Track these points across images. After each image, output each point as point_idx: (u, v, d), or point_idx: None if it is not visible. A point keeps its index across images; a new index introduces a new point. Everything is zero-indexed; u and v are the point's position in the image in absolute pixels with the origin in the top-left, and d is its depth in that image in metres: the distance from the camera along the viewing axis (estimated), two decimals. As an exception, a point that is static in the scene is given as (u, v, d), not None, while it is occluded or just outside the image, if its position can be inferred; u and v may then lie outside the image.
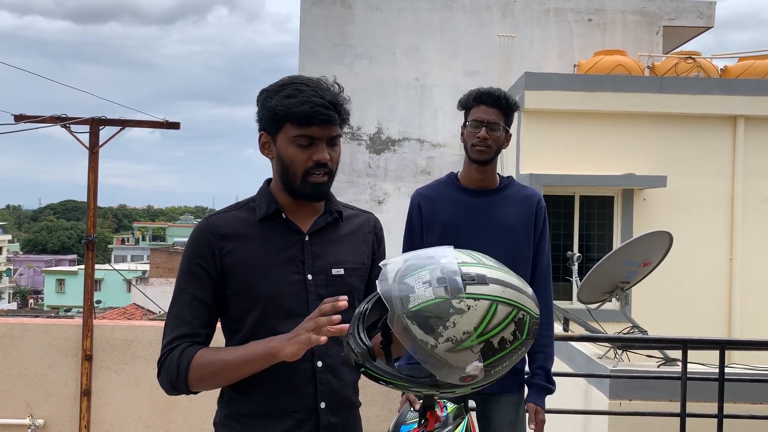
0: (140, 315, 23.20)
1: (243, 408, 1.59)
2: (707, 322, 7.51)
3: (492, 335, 1.27)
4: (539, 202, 2.47)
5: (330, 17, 10.64)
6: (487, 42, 10.49)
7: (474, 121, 2.40)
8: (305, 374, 1.56)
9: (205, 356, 1.51)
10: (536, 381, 2.44)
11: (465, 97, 2.45)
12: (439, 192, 2.48)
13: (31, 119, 5.19)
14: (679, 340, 3.64)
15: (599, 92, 7.73)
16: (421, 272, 1.29)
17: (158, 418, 4.09)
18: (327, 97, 1.52)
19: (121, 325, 4.30)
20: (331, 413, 1.59)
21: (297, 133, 1.52)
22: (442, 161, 10.35)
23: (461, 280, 1.27)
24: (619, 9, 10.73)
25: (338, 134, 1.58)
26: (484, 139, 2.36)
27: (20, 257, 59.49)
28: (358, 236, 1.69)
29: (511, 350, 1.30)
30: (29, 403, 4.09)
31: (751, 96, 7.70)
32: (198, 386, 1.53)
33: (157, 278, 34.70)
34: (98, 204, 5.26)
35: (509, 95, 2.45)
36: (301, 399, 1.57)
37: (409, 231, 2.50)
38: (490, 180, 2.47)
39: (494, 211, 2.43)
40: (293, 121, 1.51)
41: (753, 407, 3.93)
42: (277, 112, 1.52)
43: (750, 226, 7.76)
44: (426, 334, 1.24)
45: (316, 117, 1.50)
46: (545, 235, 2.48)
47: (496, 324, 1.27)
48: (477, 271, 1.30)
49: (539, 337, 2.43)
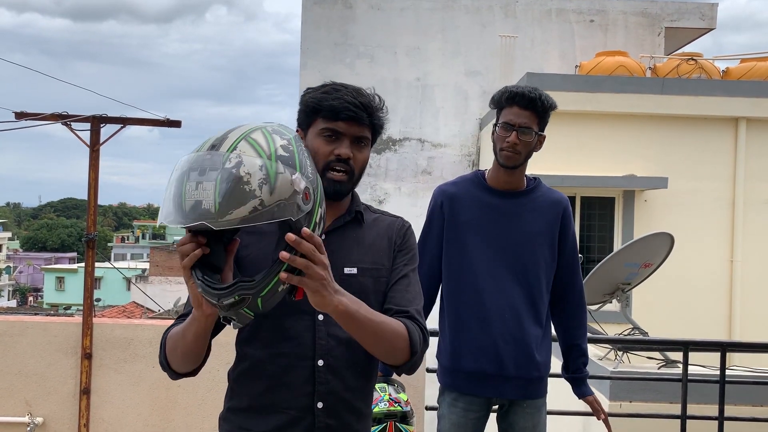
0: (140, 313, 23.21)
1: (242, 402, 1.60)
2: (708, 324, 7.50)
3: (276, 154, 1.28)
4: (566, 207, 2.41)
5: (331, 16, 10.63)
6: (488, 42, 10.48)
7: (505, 123, 2.31)
8: (303, 372, 1.55)
9: (171, 330, 1.54)
10: (581, 375, 2.51)
11: (498, 95, 2.35)
12: (464, 190, 2.42)
13: (32, 117, 5.19)
14: (680, 342, 3.64)
15: (600, 93, 7.72)
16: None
17: (158, 417, 4.08)
18: (359, 99, 1.57)
19: (121, 323, 4.29)
20: (328, 415, 1.56)
21: (324, 126, 1.57)
22: (443, 161, 10.35)
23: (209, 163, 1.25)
24: (621, 10, 10.72)
25: (365, 136, 1.59)
26: (513, 145, 2.28)
27: (20, 255, 59.53)
28: (382, 239, 1.66)
29: (297, 149, 1.33)
30: (28, 401, 4.08)
31: (753, 98, 7.70)
32: (173, 362, 1.54)
33: (156, 276, 34.70)
34: (98, 202, 5.26)
35: (546, 96, 2.31)
36: (297, 396, 1.55)
37: (427, 227, 2.46)
38: (518, 182, 2.40)
39: (518, 215, 2.37)
40: (323, 114, 1.56)
41: (754, 410, 3.92)
42: (309, 104, 1.58)
43: (751, 228, 7.75)
44: (247, 205, 1.21)
45: (343, 112, 1.54)
46: (572, 234, 2.43)
47: (265, 145, 1.28)
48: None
49: (569, 336, 2.49)
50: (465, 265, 2.37)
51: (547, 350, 2.44)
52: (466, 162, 10.37)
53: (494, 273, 2.35)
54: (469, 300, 2.37)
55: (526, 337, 2.34)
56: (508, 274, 2.35)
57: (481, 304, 2.35)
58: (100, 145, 5.04)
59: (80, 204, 79.74)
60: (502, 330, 2.33)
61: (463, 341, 2.37)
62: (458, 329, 2.39)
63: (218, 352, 4.24)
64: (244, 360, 1.61)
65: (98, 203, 5.25)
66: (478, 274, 2.35)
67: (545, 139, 2.39)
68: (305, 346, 1.55)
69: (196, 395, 4.04)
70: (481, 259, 2.35)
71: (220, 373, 1.79)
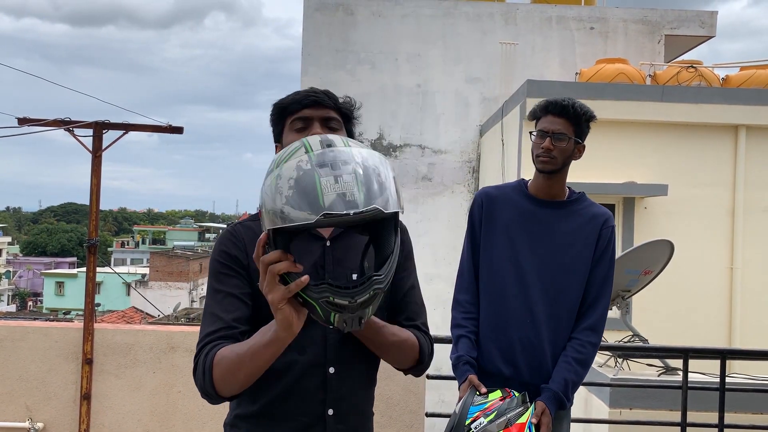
0: (139, 318, 23.20)
1: (252, 409, 1.59)
2: (708, 331, 7.49)
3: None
4: (606, 221, 2.39)
5: (333, 23, 10.67)
6: (489, 49, 10.51)
7: (539, 131, 2.38)
8: (316, 380, 1.56)
9: (223, 352, 1.45)
10: (552, 387, 2.32)
11: (535, 107, 2.43)
12: (504, 194, 2.46)
13: (35, 122, 5.20)
14: (680, 349, 3.64)
15: (600, 100, 7.73)
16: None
17: (158, 423, 4.09)
18: (319, 90, 1.64)
19: (123, 329, 4.30)
20: (338, 421, 1.58)
21: (292, 119, 1.62)
22: (444, 168, 10.36)
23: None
24: (621, 18, 10.76)
25: (333, 116, 1.62)
26: (547, 150, 2.33)
27: (20, 259, 59.46)
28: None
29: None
30: (29, 406, 4.08)
31: (753, 105, 7.71)
32: (223, 387, 1.46)
33: (156, 282, 34.70)
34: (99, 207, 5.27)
35: (580, 105, 2.38)
36: (309, 404, 1.57)
37: (470, 226, 2.49)
38: (558, 191, 2.42)
39: (555, 224, 2.38)
40: (288, 110, 1.63)
41: (754, 417, 3.92)
42: (275, 110, 1.65)
43: (751, 236, 7.75)
44: (381, 195, 1.24)
45: (305, 98, 1.61)
46: (608, 255, 2.39)
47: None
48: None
49: (572, 351, 2.34)
50: (494, 267, 2.41)
51: None
52: (466, 168, 10.39)
53: (521, 278, 2.37)
54: (494, 301, 2.40)
55: (543, 344, 2.34)
56: (536, 281, 2.36)
57: (504, 306, 2.38)
58: (102, 151, 5.05)
59: (80, 209, 79.79)
60: (521, 334, 2.35)
61: (485, 342, 2.41)
62: (482, 328, 2.42)
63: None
64: None
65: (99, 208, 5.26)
66: (505, 276, 2.38)
67: (584, 148, 2.44)
68: (317, 354, 1.57)
69: (196, 401, 4.04)
70: (510, 263, 2.38)
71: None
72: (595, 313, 2.38)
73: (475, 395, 2.28)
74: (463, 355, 2.40)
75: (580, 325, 2.39)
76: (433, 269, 9.46)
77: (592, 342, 2.38)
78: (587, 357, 2.37)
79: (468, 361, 2.39)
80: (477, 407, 2.23)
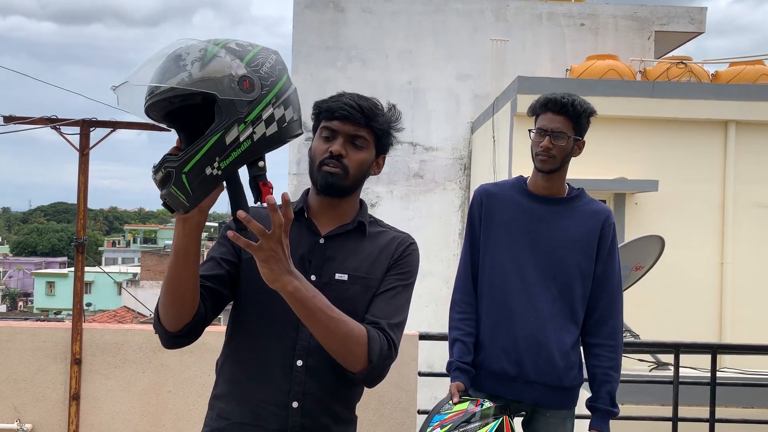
0: (131, 318, 23.10)
1: (224, 389, 1.64)
2: (699, 326, 7.53)
3: (225, 42, 1.31)
4: (607, 218, 2.38)
5: (323, 20, 10.63)
6: (480, 46, 10.50)
7: (538, 129, 2.33)
8: (282, 370, 1.58)
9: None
10: (600, 405, 2.37)
11: (534, 104, 2.38)
12: (504, 191, 2.43)
13: (21, 120, 5.14)
14: (671, 344, 3.65)
15: (591, 96, 7.64)
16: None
17: (148, 423, 4.06)
18: (358, 102, 1.61)
19: (112, 328, 4.26)
20: (303, 415, 1.57)
21: (322, 125, 1.64)
22: (435, 165, 10.36)
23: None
24: (611, 14, 10.78)
25: (361, 135, 1.61)
26: (546, 149, 2.30)
27: (10, 259, 59.12)
28: (381, 252, 1.66)
29: (261, 55, 1.32)
30: (17, 407, 4.04)
31: (742, 101, 7.75)
32: (162, 312, 1.52)
33: (147, 281, 34.55)
34: (89, 206, 5.22)
35: (580, 101, 2.33)
36: (273, 393, 1.58)
37: (470, 224, 2.47)
38: (557, 189, 2.40)
39: (555, 221, 2.36)
40: (322, 115, 1.64)
41: (744, 411, 3.94)
42: (314, 108, 1.67)
43: (741, 231, 7.79)
44: (176, 77, 1.25)
45: (338, 111, 1.60)
46: (614, 253, 2.38)
47: (223, 40, 1.31)
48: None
49: (604, 360, 2.36)
50: (495, 265, 2.38)
51: (576, 360, 2.39)
52: (457, 165, 10.39)
53: (523, 275, 2.34)
54: (496, 300, 2.37)
55: (549, 341, 2.31)
56: (538, 278, 2.33)
57: (506, 304, 2.35)
58: (89, 149, 5.00)
59: (71, 208, 79.32)
60: (525, 332, 2.32)
61: (487, 340, 2.38)
62: (485, 328, 2.39)
63: (208, 357, 4.21)
64: (229, 348, 1.66)
65: (88, 207, 5.22)
66: (506, 274, 2.35)
67: (584, 144, 2.40)
68: (286, 345, 1.58)
69: (186, 401, 4.01)
70: (511, 260, 2.36)
71: (209, 378, 1.78)
72: (614, 315, 2.39)
73: (445, 404, 2.25)
74: (454, 361, 2.38)
75: (602, 331, 2.38)
76: (425, 266, 9.45)
77: (619, 344, 2.41)
78: (618, 362, 2.40)
79: (459, 367, 2.37)
80: (441, 416, 2.20)
